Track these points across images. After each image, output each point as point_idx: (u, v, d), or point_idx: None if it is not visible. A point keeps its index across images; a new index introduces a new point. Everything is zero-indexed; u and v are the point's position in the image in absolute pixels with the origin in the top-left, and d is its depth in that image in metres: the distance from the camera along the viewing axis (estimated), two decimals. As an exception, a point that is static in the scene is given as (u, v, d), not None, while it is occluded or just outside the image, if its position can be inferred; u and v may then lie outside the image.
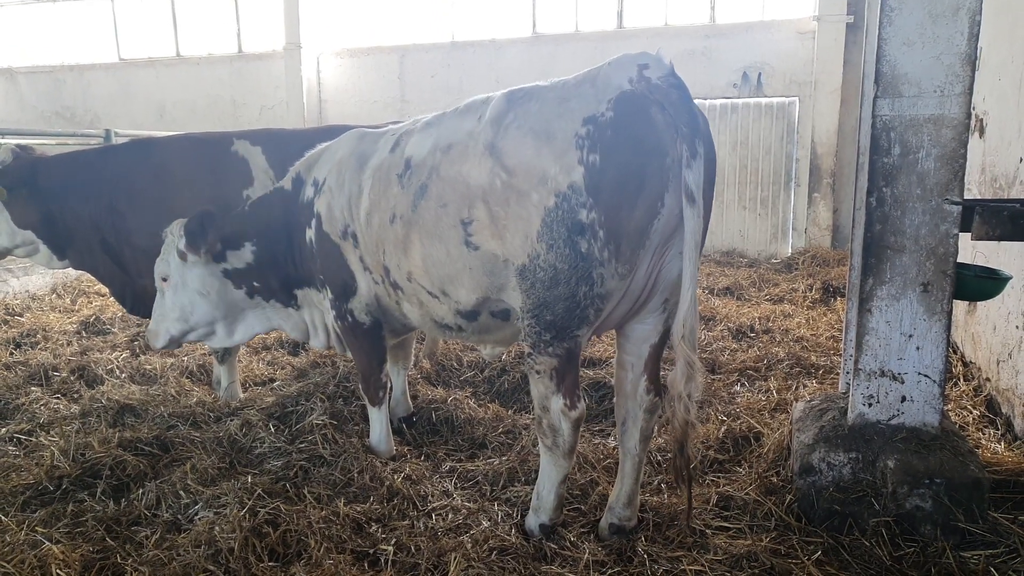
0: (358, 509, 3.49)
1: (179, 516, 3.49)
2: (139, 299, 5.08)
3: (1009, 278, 3.49)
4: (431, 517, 3.48)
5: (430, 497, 3.66)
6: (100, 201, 4.89)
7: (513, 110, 3.00)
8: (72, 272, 8.89)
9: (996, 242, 3.90)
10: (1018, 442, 4.07)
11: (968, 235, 3.15)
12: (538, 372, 3.08)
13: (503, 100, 3.08)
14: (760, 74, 11.96)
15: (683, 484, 3.11)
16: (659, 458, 4.05)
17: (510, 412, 4.77)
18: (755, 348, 6.19)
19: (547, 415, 3.11)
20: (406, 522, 3.43)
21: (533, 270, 2.91)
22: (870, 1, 4.10)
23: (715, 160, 2.97)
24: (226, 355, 5.11)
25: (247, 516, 3.30)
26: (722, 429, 4.27)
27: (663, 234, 2.88)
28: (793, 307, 7.84)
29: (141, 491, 3.69)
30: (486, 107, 3.14)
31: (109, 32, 15.95)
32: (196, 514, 3.46)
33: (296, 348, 6.57)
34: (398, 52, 13.92)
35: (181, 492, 3.62)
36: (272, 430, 4.31)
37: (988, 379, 4.86)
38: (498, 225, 2.98)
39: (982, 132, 5.46)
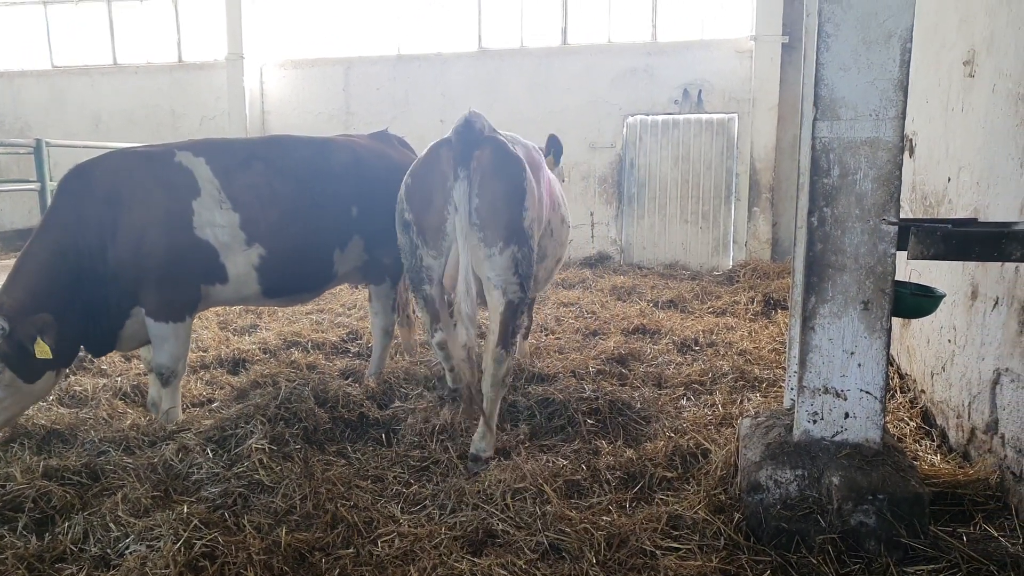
0: (300, 538, 3.37)
1: (108, 551, 3.30)
2: (101, 339, 4.75)
3: (943, 296, 3.59)
4: (377, 544, 3.38)
5: (376, 523, 3.57)
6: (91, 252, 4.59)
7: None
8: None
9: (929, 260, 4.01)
10: (953, 453, 4.19)
11: (904, 254, 3.23)
12: (417, 312, 5.21)
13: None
14: (700, 91, 12.21)
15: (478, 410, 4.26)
16: (608, 476, 4.03)
17: (460, 432, 4.69)
18: (700, 362, 6.26)
19: (430, 341, 4.89)
20: (351, 550, 3.33)
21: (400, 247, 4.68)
22: (807, 24, 4.20)
23: (512, 181, 4.14)
24: (171, 378, 4.90)
25: (182, 549, 3.14)
26: (670, 446, 4.28)
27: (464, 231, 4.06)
28: (736, 319, 7.97)
29: (67, 524, 3.49)
30: None
31: (42, 38, 15.35)
32: (127, 548, 3.28)
33: (236, 367, 6.37)
34: (343, 64, 13.77)
35: (111, 524, 3.44)
36: (210, 455, 4.15)
37: (923, 391, 5.00)
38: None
39: (912, 152, 5.64)
